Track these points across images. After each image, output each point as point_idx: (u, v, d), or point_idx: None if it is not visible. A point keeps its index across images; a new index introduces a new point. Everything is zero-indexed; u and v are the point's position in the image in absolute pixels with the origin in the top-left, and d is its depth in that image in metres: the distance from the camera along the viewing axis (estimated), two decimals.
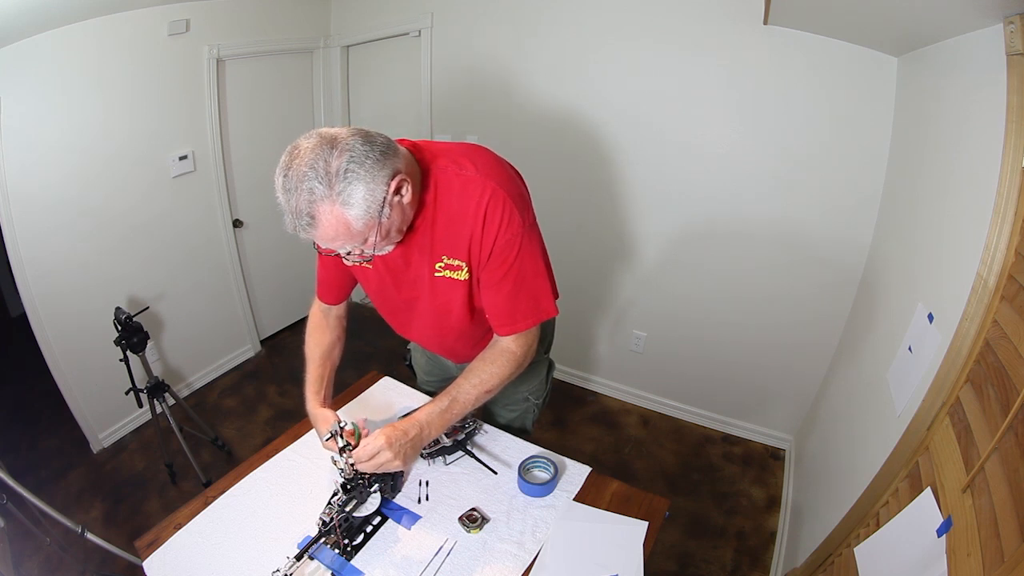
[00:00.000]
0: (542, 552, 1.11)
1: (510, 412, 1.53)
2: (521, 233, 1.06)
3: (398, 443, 1.07)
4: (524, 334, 1.16)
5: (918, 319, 1.27)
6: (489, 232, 1.04)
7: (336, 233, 0.91)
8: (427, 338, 1.35)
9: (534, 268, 1.11)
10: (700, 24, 2.07)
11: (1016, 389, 0.82)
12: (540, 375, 1.50)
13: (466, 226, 1.05)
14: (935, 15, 1.32)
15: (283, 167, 0.90)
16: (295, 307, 3.55)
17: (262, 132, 2.96)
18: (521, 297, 1.11)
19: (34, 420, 2.68)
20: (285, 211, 0.91)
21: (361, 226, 0.91)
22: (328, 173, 0.87)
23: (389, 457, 1.06)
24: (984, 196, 1.05)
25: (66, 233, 2.25)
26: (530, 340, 1.19)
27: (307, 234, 0.91)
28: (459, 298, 1.15)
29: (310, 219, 0.89)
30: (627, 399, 2.86)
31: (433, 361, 1.57)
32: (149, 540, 1.14)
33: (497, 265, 1.07)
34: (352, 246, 0.96)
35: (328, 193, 0.87)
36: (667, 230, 2.44)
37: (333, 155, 0.87)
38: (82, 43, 2.12)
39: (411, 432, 1.10)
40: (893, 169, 1.85)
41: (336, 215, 0.89)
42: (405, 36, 2.81)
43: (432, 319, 1.23)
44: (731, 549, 2.07)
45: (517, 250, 1.07)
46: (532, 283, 1.12)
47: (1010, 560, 0.70)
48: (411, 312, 1.26)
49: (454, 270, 1.10)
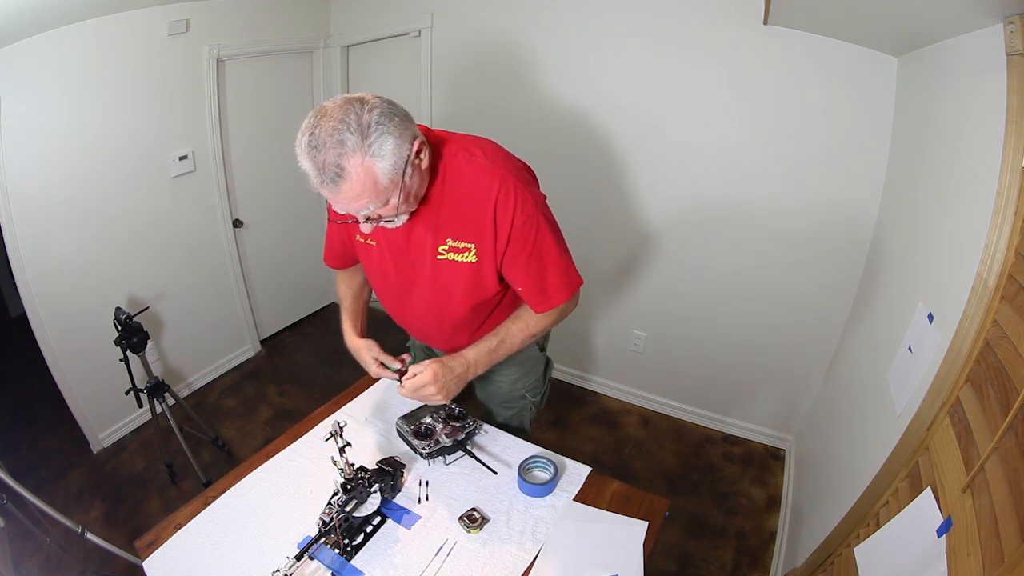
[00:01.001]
0: (542, 552, 1.11)
1: (507, 410, 1.54)
2: (536, 213, 1.10)
3: (443, 378, 1.12)
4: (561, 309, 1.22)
5: (918, 319, 1.27)
6: (505, 216, 1.07)
7: (363, 188, 0.91)
8: (424, 324, 1.34)
9: (555, 243, 1.15)
10: (700, 24, 2.07)
11: (1016, 389, 0.82)
12: (537, 373, 1.51)
13: (476, 211, 1.07)
14: (935, 15, 1.32)
15: (308, 127, 0.90)
16: (295, 307, 3.55)
17: (262, 132, 2.96)
18: (550, 272, 1.15)
19: (34, 420, 2.68)
20: (310, 170, 0.91)
21: (387, 182, 0.93)
22: (360, 125, 0.89)
23: (433, 392, 1.11)
24: (984, 196, 1.05)
25: (66, 233, 2.25)
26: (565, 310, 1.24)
27: (333, 191, 0.91)
28: (461, 281, 1.16)
29: (338, 173, 0.89)
30: (627, 399, 2.86)
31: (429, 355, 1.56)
32: (149, 540, 1.14)
33: (520, 247, 1.10)
34: (374, 206, 0.96)
35: (360, 144, 0.89)
36: (667, 230, 2.44)
37: (364, 109, 0.90)
38: (82, 43, 2.12)
39: (457, 369, 1.16)
40: (893, 169, 1.85)
41: (366, 168, 0.90)
42: (405, 36, 2.81)
43: (431, 303, 1.24)
44: (731, 549, 2.07)
45: (536, 229, 1.10)
46: (557, 258, 1.16)
47: (1010, 560, 0.70)
48: (409, 297, 1.26)
49: (459, 252, 1.12)
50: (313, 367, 3.13)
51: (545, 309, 1.19)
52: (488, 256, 1.12)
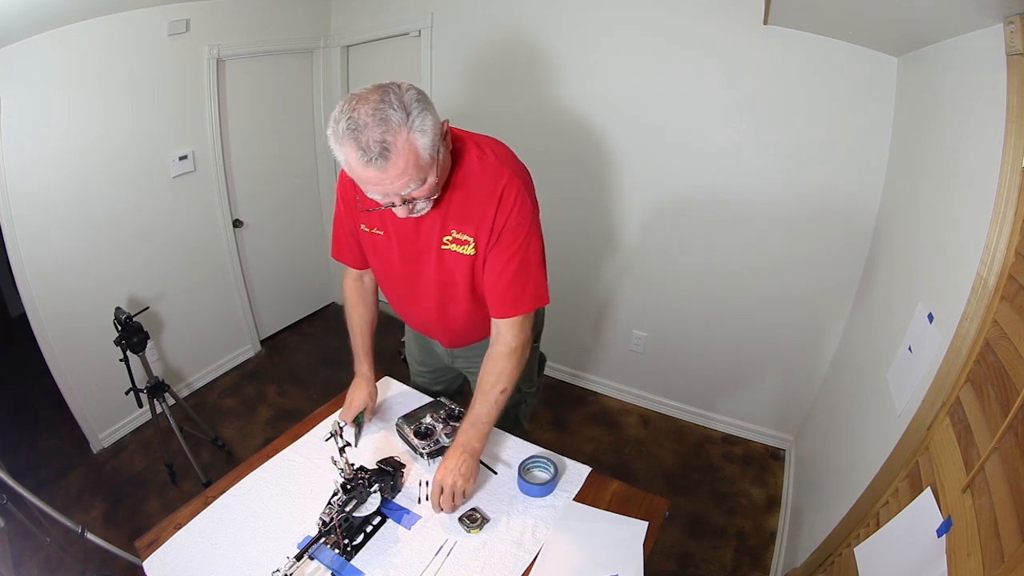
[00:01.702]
0: (542, 552, 1.11)
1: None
2: (530, 219, 1.14)
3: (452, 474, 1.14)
4: (521, 323, 1.20)
5: (918, 319, 1.27)
6: (502, 213, 1.10)
7: (407, 164, 0.94)
8: (426, 315, 1.35)
9: (538, 255, 1.18)
10: (700, 24, 2.07)
11: (1016, 389, 0.82)
12: (531, 364, 1.52)
13: (480, 205, 1.11)
14: (935, 15, 1.32)
15: (344, 112, 0.93)
16: (295, 307, 3.55)
17: (262, 132, 2.96)
18: (524, 279, 1.16)
19: (34, 420, 2.67)
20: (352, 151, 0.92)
21: (428, 158, 0.97)
22: (402, 103, 0.93)
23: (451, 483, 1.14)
24: (984, 196, 1.05)
25: (66, 233, 2.25)
26: (527, 330, 1.22)
27: (381, 167, 0.93)
28: (461, 272, 1.19)
29: (385, 148, 0.91)
30: (627, 399, 2.86)
31: (426, 350, 1.58)
32: (149, 540, 1.14)
33: (506, 245, 1.13)
34: (415, 185, 0.98)
35: (404, 120, 0.92)
36: (666, 230, 2.43)
37: (401, 91, 0.95)
38: (82, 43, 2.12)
39: (453, 453, 1.18)
40: (893, 169, 1.85)
41: (410, 143, 0.93)
42: (405, 36, 2.81)
43: (435, 292, 1.25)
44: (731, 549, 2.07)
45: (526, 233, 1.13)
46: (535, 269, 1.18)
47: (1010, 560, 0.70)
48: (413, 286, 1.27)
49: (460, 244, 1.15)
50: (313, 367, 3.13)
51: (508, 315, 1.18)
52: (482, 250, 1.15)
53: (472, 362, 1.49)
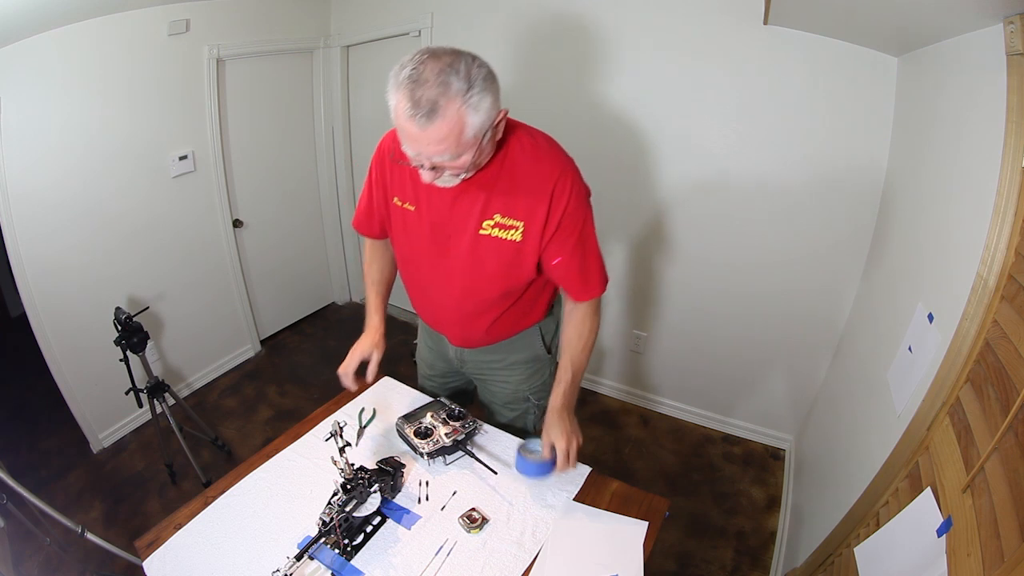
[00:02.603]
0: (542, 552, 1.11)
1: (511, 411, 1.53)
2: (586, 204, 1.16)
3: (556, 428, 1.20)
4: (596, 301, 1.27)
5: (918, 319, 1.27)
6: (561, 200, 1.10)
7: (448, 133, 0.93)
8: (446, 301, 1.31)
9: (595, 237, 1.21)
10: (699, 24, 2.07)
11: (1016, 389, 0.82)
12: (544, 376, 1.48)
13: (534, 191, 1.10)
14: (935, 15, 1.32)
15: (411, 62, 0.92)
16: (295, 307, 3.55)
17: (262, 132, 2.96)
18: (591, 262, 1.20)
19: (34, 420, 2.68)
20: (402, 102, 0.92)
21: (470, 137, 0.95)
22: (468, 75, 0.92)
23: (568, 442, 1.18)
24: (984, 196, 1.05)
25: (66, 233, 2.25)
26: (600, 305, 1.30)
27: (421, 125, 0.92)
28: (500, 259, 1.17)
29: (433, 110, 0.90)
30: (627, 399, 2.86)
31: (436, 351, 1.54)
32: (149, 540, 1.14)
33: (569, 232, 1.14)
34: (449, 156, 0.97)
35: (463, 91, 0.91)
36: (666, 231, 2.44)
37: (474, 64, 0.94)
38: (82, 43, 2.12)
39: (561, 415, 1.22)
40: (893, 169, 1.85)
41: (459, 115, 0.92)
42: (405, 36, 2.81)
43: (459, 279, 1.23)
44: (731, 549, 2.07)
45: (584, 218, 1.15)
46: (596, 250, 1.22)
47: (1010, 560, 0.70)
48: (437, 270, 1.25)
49: (506, 229, 1.13)
50: (313, 367, 3.14)
51: (586, 298, 1.24)
52: (534, 237, 1.14)
53: (480, 369, 1.47)
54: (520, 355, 1.42)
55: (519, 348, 1.41)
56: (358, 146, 3.34)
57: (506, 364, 1.43)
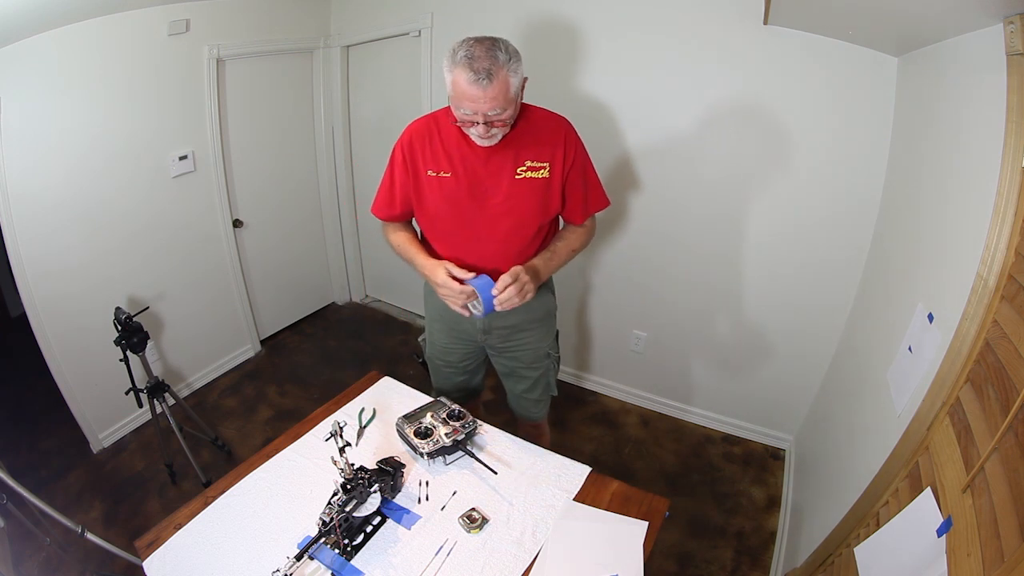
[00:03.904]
0: (542, 552, 1.11)
1: (534, 371, 1.70)
2: (583, 147, 1.50)
3: (521, 280, 1.37)
4: (593, 221, 1.61)
5: (918, 319, 1.27)
6: (571, 145, 1.45)
7: (500, 91, 1.23)
8: (489, 247, 1.48)
9: (594, 169, 1.55)
10: (699, 24, 2.07)
11: (1016, 389, 0.82)
12: (552, 331, 1.71)
13: (551, 139, 1.43)
14: (935, 15, 1.32)
15: (463, 47, 1.23)
16: (295, 307, 3.55)
17: (262, 132, 2.96)
18: (591, 188, 1.54)
19: (34, 420, 2.68)
20: (463, 74, 1.22)
21: (512, 94, 1.27)
22: (508, 51, 1.25)
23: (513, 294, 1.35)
24: (984, 196, 1.05)
25: (66, 233, 2.25)
26: (594, 223, 1.63)
27: (484, 87, 1.21)
28: (535, 195, 1.45)
29: (490, 74, 1.21)
30: (627, 399, 2.86)
31: (454, 332, 1.65)
32: (149, 540, 1.14)
33: (579, 168, 1.48)
34: (500, 110, 1.26)
35: (507, 61, 1.24)
36: (665, 231, 2.43)
37: (508, 45, 1.26)
38: (82, 43, 2.12)
39: (530, 273, 1.42)
40: (893, 169, 1.85)
41: (506, 78, 1.24)
42: (405, 36, 2.81)
43: (504, 221, 1.45)
44: (731, 549, 2.07)
45: (584, 156, 1.50)
46: (596, 179, 1.56)
47: (1010, 560, 0.70)
48: (479, 219, 1.45)
49: (536, 170, 1.43)
50: (313, 367, 3.13)
51: (583, 219, 1.55)
52: (558, 173, 1.44)
53: (504, 338, 1.63)
54: (538, 312, 1.62)
55: (536, 307, 1.59)
56: (358, 146, 3.33)
57: (528, 323, 1.62)
